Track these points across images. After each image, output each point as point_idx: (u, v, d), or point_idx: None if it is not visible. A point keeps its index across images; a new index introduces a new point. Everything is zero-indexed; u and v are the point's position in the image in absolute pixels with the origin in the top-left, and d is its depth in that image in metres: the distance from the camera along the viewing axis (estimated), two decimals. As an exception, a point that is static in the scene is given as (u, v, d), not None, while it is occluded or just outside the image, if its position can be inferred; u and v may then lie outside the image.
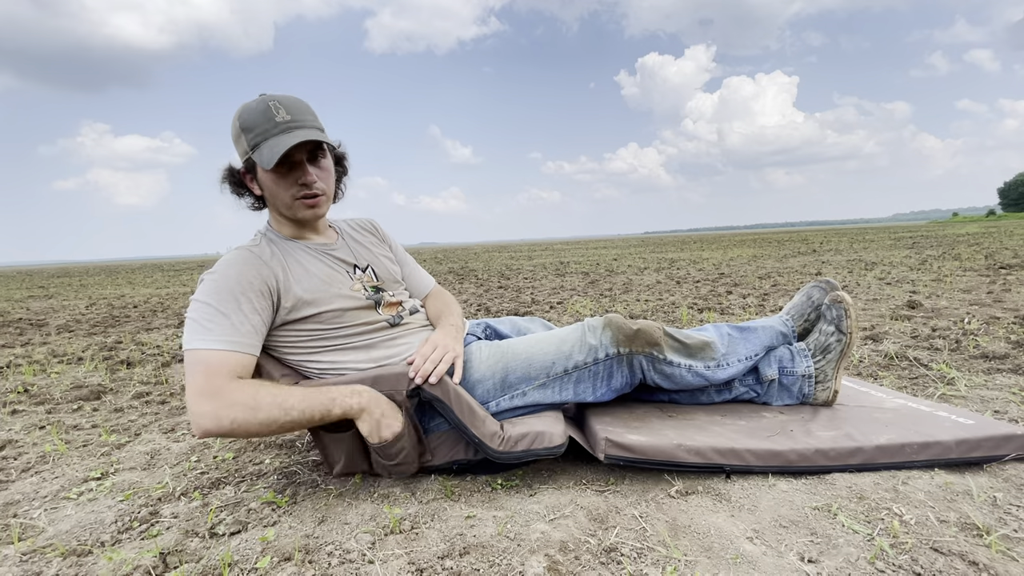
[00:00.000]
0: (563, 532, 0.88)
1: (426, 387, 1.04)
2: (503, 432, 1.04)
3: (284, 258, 1.10)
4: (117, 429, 1.66)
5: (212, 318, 0.98)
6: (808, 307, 1.39)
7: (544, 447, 1.03)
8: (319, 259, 1.15)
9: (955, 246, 9.54)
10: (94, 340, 3.71)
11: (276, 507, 1.02)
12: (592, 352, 1.15)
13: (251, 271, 1.04)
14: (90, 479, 1.23)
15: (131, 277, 13.79)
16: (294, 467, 1.23)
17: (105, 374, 2.54)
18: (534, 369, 1.15)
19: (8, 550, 0.92)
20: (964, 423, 1.11)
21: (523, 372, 1.15)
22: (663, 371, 1.19)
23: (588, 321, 1.19)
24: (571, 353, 1.15)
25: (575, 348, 1.15)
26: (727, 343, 1.27)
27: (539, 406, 1.17)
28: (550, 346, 1.17)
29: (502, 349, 1.19)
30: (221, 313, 0.99)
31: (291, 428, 0.99)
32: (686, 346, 1.20)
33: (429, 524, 0.93)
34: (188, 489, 1.13)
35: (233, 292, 1.00)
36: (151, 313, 5.25)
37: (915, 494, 0.94)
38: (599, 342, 1.15)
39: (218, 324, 0.98)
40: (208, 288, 1.01)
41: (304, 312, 1.08)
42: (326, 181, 1.12)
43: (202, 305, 1.00)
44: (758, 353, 1.30)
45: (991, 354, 2.00)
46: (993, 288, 3.97)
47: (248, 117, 1.04)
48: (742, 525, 0.88)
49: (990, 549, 0.78)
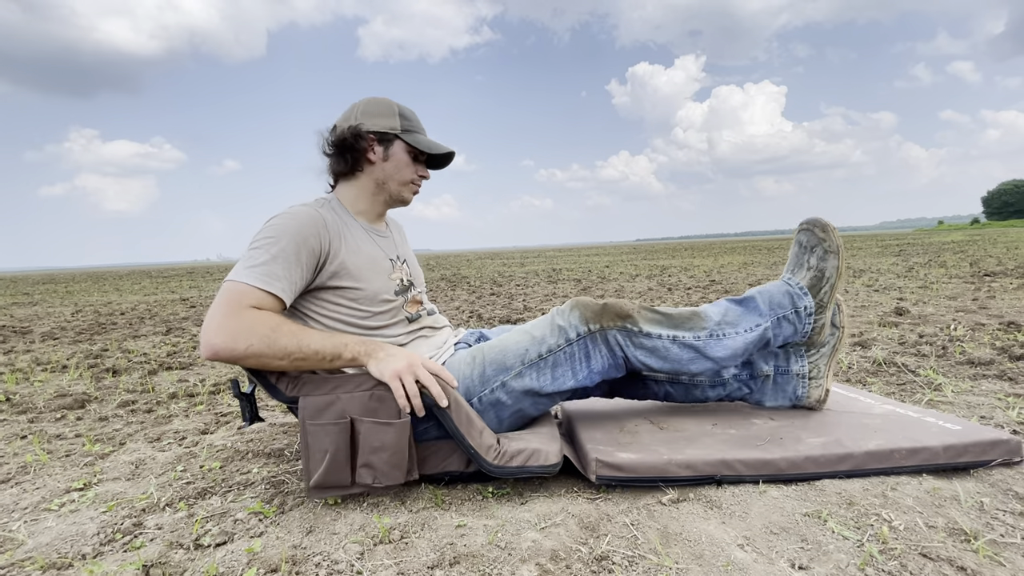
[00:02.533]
0: (554, 540, 0.87)
1: (427, 392, 1.02)
2: (499, 446, 1.03)
3: (342, 228, 1.17)
4: (101, 438, 1.62)
5: (258, 259, 1.04)
6: (803, 255, 1.32)
7: (539, 465, 1.02)
8: (372, 240, 1.23)
9: (941, 253, 9.69)
10: (79, 348, 3.65)
11: (263, 517, 1.00)
12: (563, 333, 1.13)
13: (310, 228, 1.09)
14: (72, 490, 1.20)
15: (119, 284, 13.61)
16: (283, 476, 1.21)
17: (90, 382, 2.50)
18: (509, 358, 1.14)
19: (-15, 563, 0.89)
20: (951, 429, 1.12)
21: (498, 363, 1.15)
22: (644, 345, 1.14)
23: (557, 308, 1.20)
24: (543, 337, 1.15)
25: (546, 332, 1.15)
26: (722, 312, 1.21)
27: (522, 400, 1.15)
28: (523, 335, 1.17)
29: (479, 347, 1.21)
30: (270, 256, 1.04)
31: (302, 364, 1.03)
32: (668, 316, 1.17)
33: (419, 533, 0.92)
34: (173, 499, 1.11)
35: (287, 241, 1.06)
36: (138, 320, 5.18)
37: (904, 500, 0.95)
38: (567, 322, 1.14)
39: (263, 265, 1.04)
40: (266, 233, 1.08)
41: (343, 282, 1.13)
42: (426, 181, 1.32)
43: (255, 248, 1.06)
44: (762, 324, 1.22)
45: (977, 360, 2.03)
46: (978, 295, 4.03)
47: (405, 110, 1.24)
48: (733, 532, 0.88)
49: (978, 554, 0.78)
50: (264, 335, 0.99)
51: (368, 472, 1.00)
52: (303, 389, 1.02)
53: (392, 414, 0.99)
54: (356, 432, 0.99)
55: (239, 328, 0.98)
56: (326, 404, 1.00)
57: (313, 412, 1.00)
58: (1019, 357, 2.02)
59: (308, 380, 1.04)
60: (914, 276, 5.72)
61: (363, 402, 0.99)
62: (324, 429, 1.00)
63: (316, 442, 1.00)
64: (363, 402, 0.99)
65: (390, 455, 0.99)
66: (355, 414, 0.99)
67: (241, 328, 0.98)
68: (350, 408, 0.99)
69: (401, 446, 1.00)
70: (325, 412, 1.00)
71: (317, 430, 1.00)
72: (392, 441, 0.99)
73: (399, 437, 0.99)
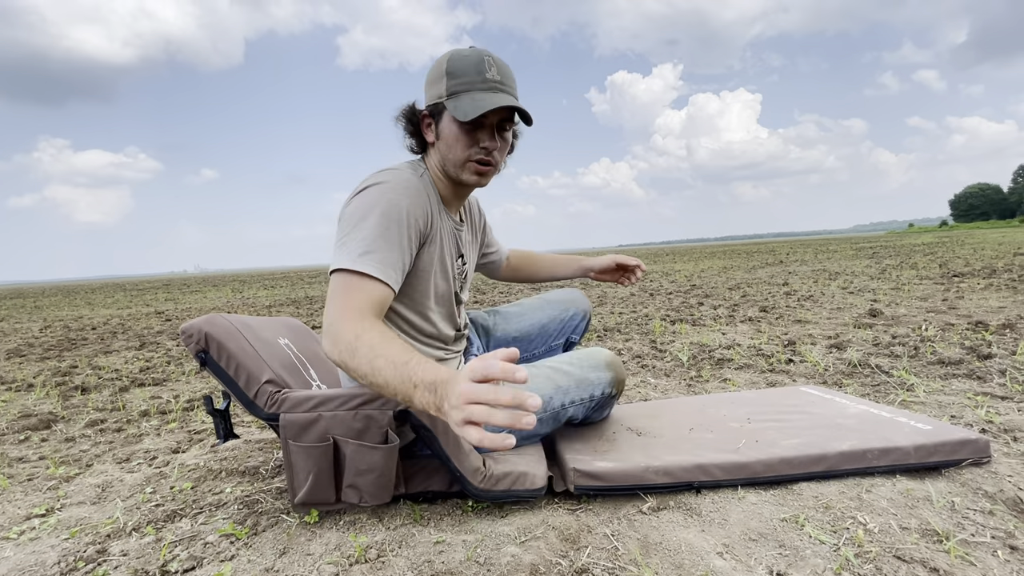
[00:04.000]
0: (534, 554, 0.86)
1: (414, 412, 0.99)
2: (486, 469, 1.01)
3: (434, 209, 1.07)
4: (67, 460, 1.56)
5: (373, 242, 0.91)
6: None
7: (525, 488, 1.02)
8: (450, 231, 1.13)
9: (912, 255, 9.97)
10: (47, 365, 3.53)
11: (235, 539, 0.97)
12: (590, 390, 1.18)
13: (419, 208, 1.00)
14: (33, 516, 1.15)
15: (90, 297, 13.21)
16: (257, 495, 1.18)
17: (57, 401, 2.41)
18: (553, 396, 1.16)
19: (-65, 599, 0.85)
20: (922, 428, 1.14)
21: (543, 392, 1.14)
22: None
23: (590, 355, 1.20)
24: (568, 389, 1.16)
25: (571, 386, 1.16)
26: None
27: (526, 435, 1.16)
28: (547, 384, 1.14)
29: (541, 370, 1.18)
30: (384, 240, 0.92)
31: (378, 391, 0.84)
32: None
33: (396, 552, 0.90)
34: (140, 523, 1.06)
35: (399, 222, 0.95)
36: (110, 335, 5.03)
37: (878, 502, 0.96)
38: (598, 379, 1.19)
39: (377, 250, 0.91)
40: (377, 208, 0.94)
41: (416, 268, 1.04)
42: (503, 153, 1.05)
43: (366, 223, 0.92)
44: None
45: (947, 360, 2.08)
46: (947, 295, 4.15)
47: (458, 63, 0.97)
48: (712, 540, 0.88)
49: (949, 555, 0.79)
50: (349, 346, 0.82)
51: (354, 492, 0.98)
52: (283, 406, 0.99)
53: (379, 438, 0.97)
54: (341, 452, 0.97)
55: (337, 338, 0.84)
56: (308, 423, 0.97)
57: (295, 431, 0.97)
58: (987, 356, 2.08)
59: (288, 396, 1.01)
60: (887, 278, 5.87)
61: (347, 422, 0.96)
62: (306, 451, 0.97)
63: (299, 462, 0.97)
64: (347, 422, 0.96)
65: (377, 477, 0.97)
66: (339, 435, 0.96)
67: (338, 338, 0.84)
68: (333, 428, 0.96)
69: (388, 468, 0.98)
70: (307, 432, 0.97)
71: (299, 451, 0.97)
72: (380, 464, 0.97)
73: (387, 460, 0.97)
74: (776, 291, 5.28)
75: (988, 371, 1.88)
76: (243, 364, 1.02)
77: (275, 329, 1.29)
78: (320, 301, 7.73)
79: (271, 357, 1.13)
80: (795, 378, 2.02)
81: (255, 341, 1.12)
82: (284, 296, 9.36)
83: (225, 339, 1.03)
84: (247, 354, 1.05)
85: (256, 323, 1.22)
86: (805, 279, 6.41)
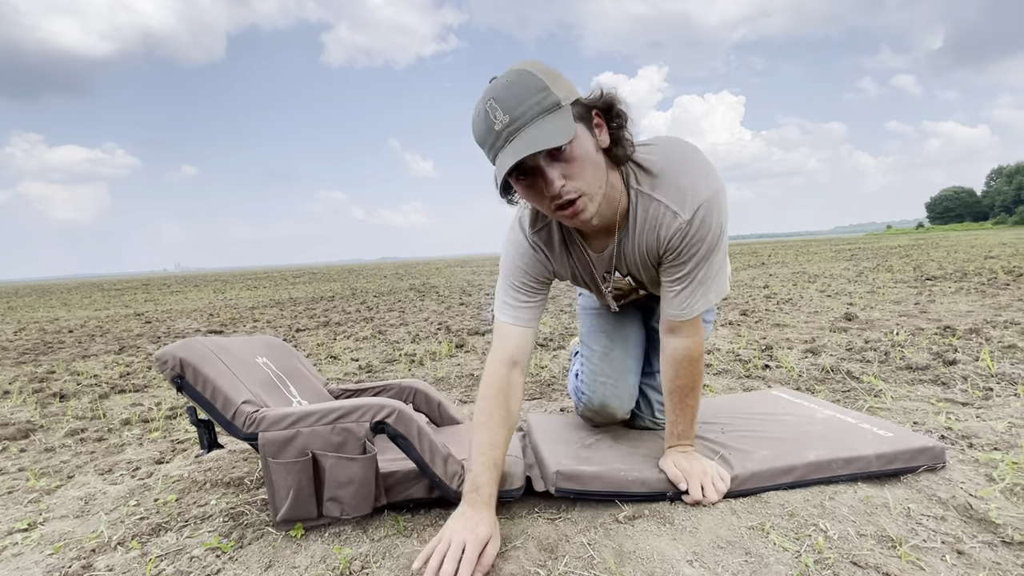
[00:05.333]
0: (514, 564, 0.90)
1: (390, 422, 1.02)
2: (464, 472, 1.05)
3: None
4: (47, 472, 1.55)
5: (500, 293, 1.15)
6: None
7: (503, 490, 1.05)
8: (582, 260, 1.13)
9: (888, 258, 10.24)
10: (23, 370, 3.46)
11: (221, 553, 0.99)
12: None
13: (521, 260, 1.15)
14: (15, 531, 1.15)
15: (66, 298, 12.92)
16: (242, 507, 1.19)
17: (35, 408, 2.38)
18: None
19: (-82, 618, 0.85)
20: (884, 436, 1.20)
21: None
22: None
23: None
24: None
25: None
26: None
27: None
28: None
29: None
30: (501, 289, 1.16)
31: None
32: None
33: (380, 563, 0.92)
34: (125, 538, 1.07)
35: (511, 274, 1.15)
36: (88, 338, 4.94)
37: (839, 509, 1.01)
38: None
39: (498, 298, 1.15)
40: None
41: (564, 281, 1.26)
42: (579, 176, 0.87)
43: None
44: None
45: (915, 365, 2.17)
46: (920, 299, 4.29)
47: (475, 130, 0.89)
48: (683, 548, 0.92)
49: (901, 560, 0.85)
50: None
51: (335, 505, 1.00)
52: (261, 424, 1.01)
53: (357, 449, 0.99)
54: (320, 467, 0.99)
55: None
56: (286, 440, 0.99)
57: (274, 449, 0.99)
58: (952, 362, 2.17)
59: (266, 415, 1.03)
60: (863, 281, 6.04)
61: (325, 436, 0.99)
62: (286, 467, 0.99)
63: (279, 479, 0.99)
64: (325, 436, 0.99)
65: (357, 488, 0.99)
66: (318, 449, 0.99)
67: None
68: (312, 443, 0.99)
69: (368, 479, 1.00)
70: (286, 449, 0.99)
71: (279, 467, 0.99)
72: (359, 475, 0.99)
73: (366, 471, 0.99)
74: (757, 294, 5.40)
75: (952, 377, 1.96)
76: (219, 387, 1.04)
77: (253, 348, 1.31)
78: (303, 302, 7.67)
79: (248, 377, 1.14)
80: (770, 384, 2.09)
81: (231, 363, 1.13)
82: (267, 297, 9.26)
83: (200, 363, 1.05)
84: (223, 376, 1.06)
85: (233, 344, 1.24)
86: (785, 282, 6.56)
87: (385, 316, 5.37)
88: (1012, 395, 1.69)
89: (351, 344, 3.80)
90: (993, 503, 0.99)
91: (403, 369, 2.83)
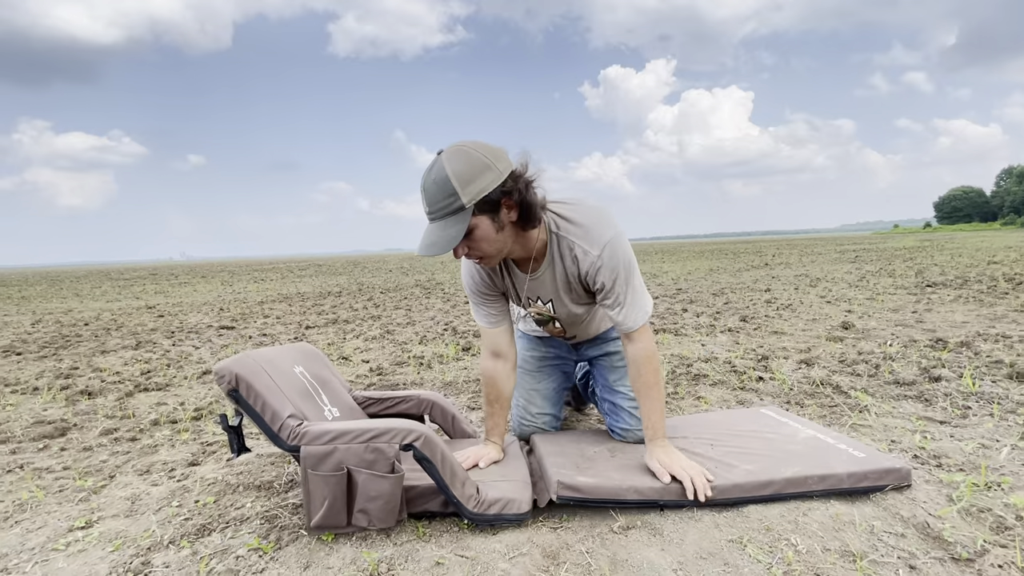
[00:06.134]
0: (520, 569, 1.02)
1: (417, 445, 1.14)
2: (479, 495, 1.17)
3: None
4: (90, 471, 1.69)
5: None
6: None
7: (513, 513, 1.18)
8: (518, 281, 1.41)
9: (892, 261, 10.29)
10: (47, 365, 3.61)
11: (263, 553, 1.12)
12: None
13: (470, 278, 1.45)
14: (75, 528, 1.28)
15: (77, 288, 13.13)
16: (275, 510, 1.32)
17: (65, 406, 2.52)
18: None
19: (7, 606, 0.99)
20: (857, 456, 1.32)
21: None
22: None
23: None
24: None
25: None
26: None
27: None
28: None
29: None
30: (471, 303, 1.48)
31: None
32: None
33: (404, 565, 1.05)
34: (175, 537, 1.21)
35: (469, 289, 1.47)
36: (104, 332, 5.10)
37: (811, 524, 1.13)
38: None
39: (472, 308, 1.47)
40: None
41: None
42: (477, 249, 1.18)
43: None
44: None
45: (902, 380, 2.28)
46: (918, 307, 4.37)
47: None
48: (670, 558, 1.04)
49: (859, 573, 0.97)
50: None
51: (364, 516, 1.13)
52: (304, 439, 1.14)
53: (387, 467, 1.12)
54: (353, 481, 1.12)
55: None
56: (325, 454, 1.12)
57: (313, 461, 1.12)
58: (937, 378, 2.28)
59: (308, 430, 1.15)
60: (864, 286, 6.12)
61: (359, 454, 1.12)
62: (324, 479, 1.12)
63: (316, 489, 1.12)
64: (359, 454, 1.12)
65: (385, 503, 1.13)
66: (352, 465, 1.12)
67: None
68: (347, 459, 1.12)
69: (395, 495, 1.13)
70: (324, 462, 1.12)
71: (317, 479, 1.12)
72: (388, 491, 1.12)
73: (394, 488, 1.13)
74: (758, 298, 5.49)
75: (935, 394, 2.07)
76: (268, 401, 1.17)
77: (291, 358, 1.43)
78: (311, 298, 7.82)
79: (290, 389, 1.27)
80: (763, 396, 2.20)
81: (276, 376, 1.26)
82: (275, 291, 9.42)
83: (252, 378, 1.18)
84: (271, 391, 1.19)
85: (275, 355, 1.37)
86: (787, 285, 6.65)
87: (392, 314, 5.50)
88: (987, 415, 1.80)
89: (360, 344, 3.93)
90: (949, 522, 1.11)
91: (412, 372, 2.95)
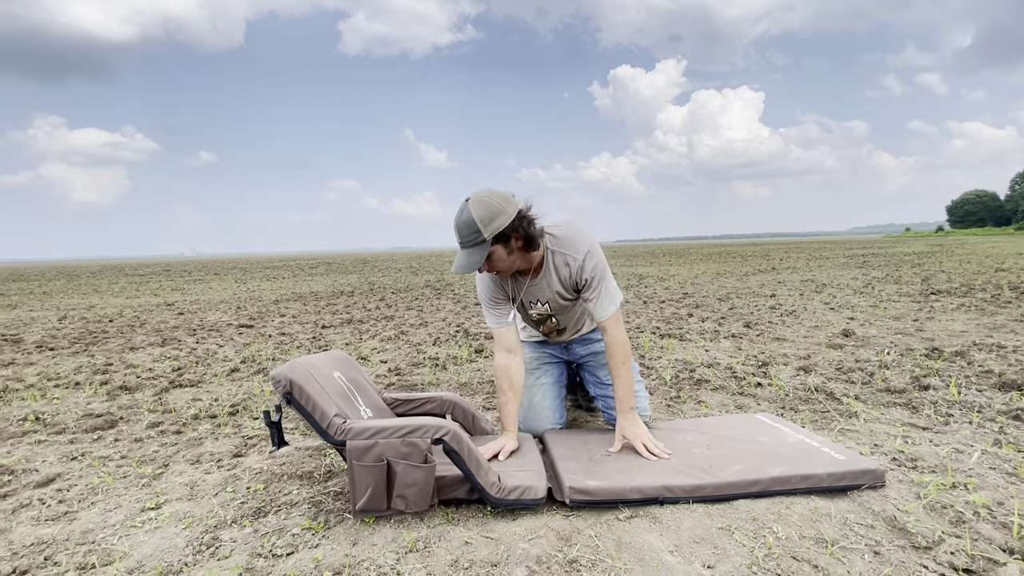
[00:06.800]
0: (538, 548, 1.19)
1: (447, 440, 1.31)
2: (500, 483, 1.35)
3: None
4: (145, 460, 1.88)
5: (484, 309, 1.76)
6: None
7: (530, 498, 1.36)
8: (521, 288, 1.76)
9: (900, 267, 10.34)
10: (81, 361, 3.82)
11: (315, 532, 1.29)
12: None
13: (482, 286, 1.77)
14: (147, 509, 1.47)
15: (94, 283, 13.47)
16: (319, 497, 1.50)
17: (107, 400, 2.71)
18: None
19: (107, 570, 1.17)
20: (838, 458, 1.47)
21: None
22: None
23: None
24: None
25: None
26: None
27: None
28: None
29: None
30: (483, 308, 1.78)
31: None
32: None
33: (438, 543, 1.23)
34: (236, 517, 1.39)
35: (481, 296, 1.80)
36: (129, 328, 5.33)
37: (792, 516, 1.29)
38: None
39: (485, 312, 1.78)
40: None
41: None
42: (494, 267, 1.59)
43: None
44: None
45: (893, 388, 2.42)
46: (919, 316, 4.47)
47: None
48: (667, 542, 1.21)
49: (829, 556, 1.13)
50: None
51: (401, 501, 1.31)
52: (349, 434, 1.32)
53: (421, 459, 1.30)
54: (392, 470, 1.30)
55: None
56: (367, 448, 1.30)
57: (358, 454, 1.30)
58: (926, 387, 2.41)
59: (352, 426, 1.33)
60: (868, 293, 6.22)
61: (397, 447, 1.29)
62: (367, 469, 1.30)
63: (360, 478, 1.30)
64: (397, 447, 1.29)
65: (419, 489, 1.30)
66: (391, 456, 1.30)
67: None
68: (386, 452, 1.29)
69: (428, 482, 1.31)
70: (367, 454, 1.30)
71: (361, 469, 1.30)
72: (423, 479, 1.30)
73: (427, 476, 1.30)
74: (763, 304, 5.62)
75: (922, 402, 2.21)
76: (317, 403, 1.35)
77: (331, 364, 1.61)
78: (324, 297, 8.04)
79: (333, 392, 1.45)
80: (760, 401, 2.36)
81: (322, 380, 1.44)
82: (288, 290, 9.65)
83: (303, 383, 1.35)
84: (319, 394, 1.37)
85: (318, 362, 1.55)
86: (792, 291, 6.76)
87: (405, 315, 5.69)
88: (967, 422, 1.94)
89: (377, 344, 4.11)
90: (913, 516, 1.27)
91: (428, 373, 3.13)
